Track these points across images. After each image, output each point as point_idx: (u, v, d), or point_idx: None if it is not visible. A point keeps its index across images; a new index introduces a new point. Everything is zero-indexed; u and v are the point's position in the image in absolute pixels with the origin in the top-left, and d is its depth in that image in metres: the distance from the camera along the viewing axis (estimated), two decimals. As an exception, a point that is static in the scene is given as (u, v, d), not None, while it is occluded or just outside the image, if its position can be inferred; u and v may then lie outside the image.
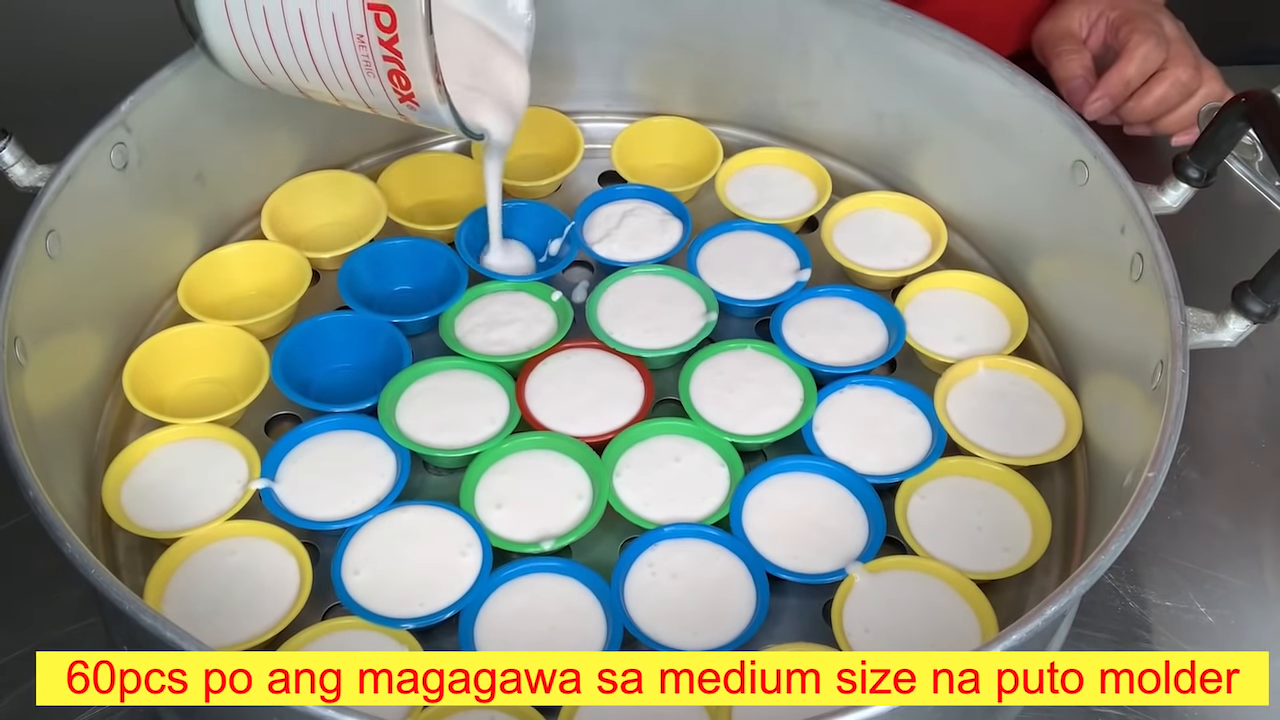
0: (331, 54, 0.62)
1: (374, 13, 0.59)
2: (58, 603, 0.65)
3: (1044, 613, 0.51)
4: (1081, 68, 0.89)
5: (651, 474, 0.68)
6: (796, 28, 0.81)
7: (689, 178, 0.84)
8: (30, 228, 0.63)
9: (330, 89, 0.64)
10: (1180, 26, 0.90)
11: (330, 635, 0.61)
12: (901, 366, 0.75)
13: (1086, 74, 0.89)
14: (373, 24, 0.59)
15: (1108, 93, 0.87)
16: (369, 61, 0.61)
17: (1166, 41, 0.88)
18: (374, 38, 0.60)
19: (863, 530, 0.66)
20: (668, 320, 0.74)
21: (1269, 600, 0.68)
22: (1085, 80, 0.88)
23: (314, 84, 0.64)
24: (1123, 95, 0.87)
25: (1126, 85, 0.87)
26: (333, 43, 0.61)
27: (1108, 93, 0.87)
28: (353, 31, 0.60)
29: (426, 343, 0.75)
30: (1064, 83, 0.89)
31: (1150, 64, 0.87)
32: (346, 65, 0.62)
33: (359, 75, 0.62)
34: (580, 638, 0.61)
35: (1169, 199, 0.69)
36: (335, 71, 0.63)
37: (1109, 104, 0.87)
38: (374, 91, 0.63)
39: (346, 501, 0.66)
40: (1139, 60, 0.86)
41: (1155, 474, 0.56)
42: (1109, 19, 0.90)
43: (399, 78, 0.61)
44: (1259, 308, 0.61)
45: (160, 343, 0.72)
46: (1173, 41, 0.88)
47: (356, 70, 0.62)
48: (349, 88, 0.63)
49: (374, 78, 0.62)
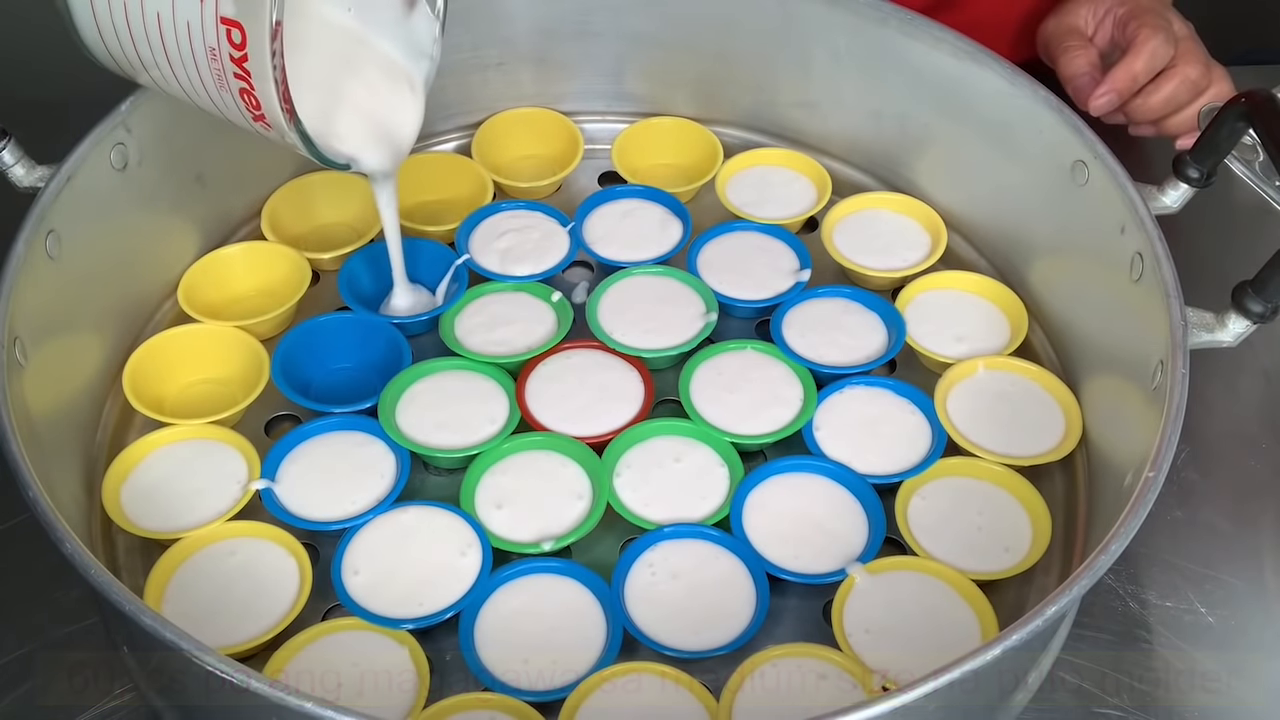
0: (187, 63, 0.58)
1: (226, 27, 0.55)
2: (58, 603, 0.65)
3: (1044, 613, 0.51)
4: (1088, 64, 0.86)
5: (651, 474, 0.67)
6: (796, 28, 0.81)
7: (689, 178, 0.84)
8: (30, 228, 0.63)
9: (191, 98, 0.61)
10: (1189, 25, 0.88)
11: (330, 636, 0.61)
12: (901, 367, 0.75)
13: (1093, 70, 0.86)
14: (224, 39, 0.56)
15: (1114, 88, 0.84)
16: (221, 76, 0.58)
17: (1175, 39, 0.85)
18: (225, 53, 0.56)
19: (863, 530, 0.66)
20: (668, 320, 0.74)
21: (1269, 600, 0.68)
22: (1091, 77, 0.86)
23: (174, 90, 0.61)
24: (1130, 91, 0.85)
25: (1134, 81, 0.84)
26: (187, 52, 0.58)
27: (1114, 88, 0.84)
28: (205, 43, 0.57)
29: (426, 343, 0.75)
30: (1070, 79, 0.87)
31: (1159, 60, 0.84)
32: (201, 77, 0.58)
33: (214, 88, 0.59)
34: (580, 638, 0.61)
35: (1169, 199, 0.69)
36: (191, 81, 0.59)
37: (1115, 99, 0.84)
38: (229, 107, 0.59)
39: (346, 502, 0.66)
40: (1147, 56, 0.84)
41: (1155, 474, 0.56)
42: (1116, 15, 0.88)
43: (249, 97, 0.57)
44: (1259, 308, 0.61)
45: (160, 343, 0.72)
46: (1181, 39, 0.86)
47: (211, 83, 0.58)
48: (206, 99, 0.60)
49: (227, 93, 0.58)
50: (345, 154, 0.65)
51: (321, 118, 0.62)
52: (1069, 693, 0.64)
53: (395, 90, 0.66)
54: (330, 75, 0.64)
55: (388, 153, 0.67)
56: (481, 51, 0.85)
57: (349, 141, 0.65)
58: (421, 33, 0.67)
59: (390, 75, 0.66)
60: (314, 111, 0.61)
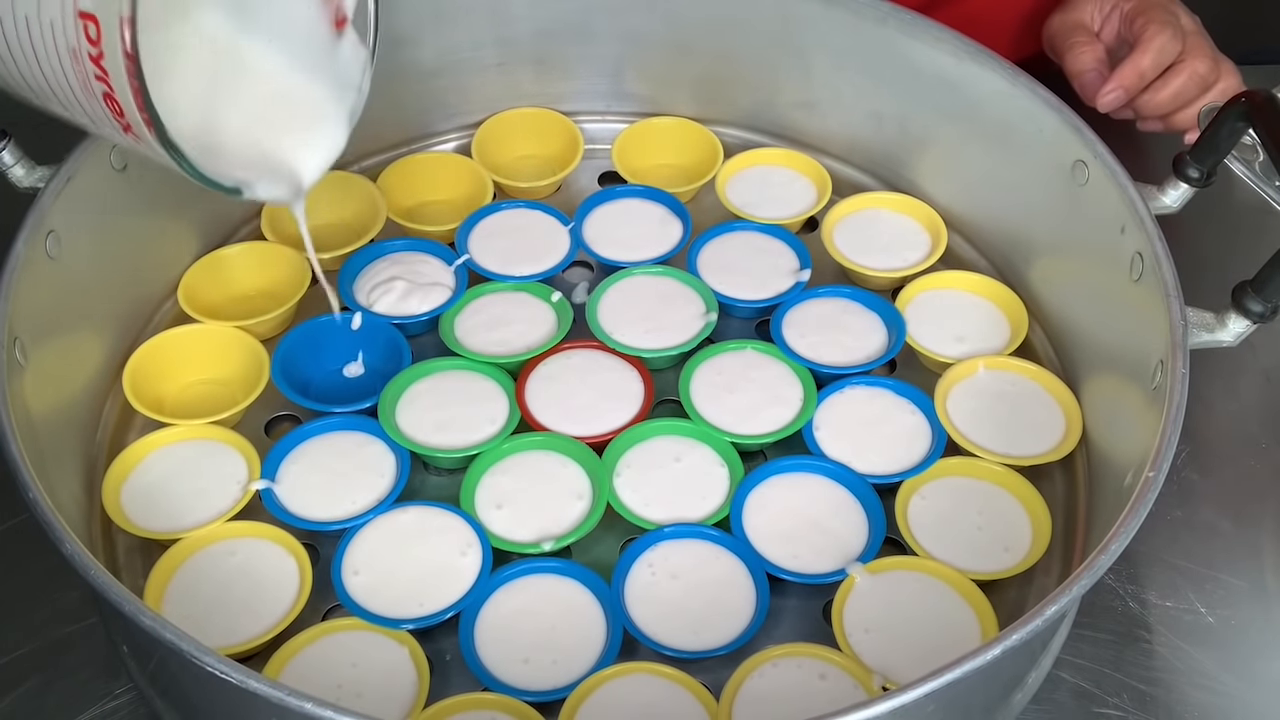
0: (55, 71, 0.52)
1: (83, 22, 0.49)
2: (58, 603, 0.65)
3: (1044, 613, 0.51)
4: (1095, 60, 0.85)
5: (651, 474, 0.67)
6: (796, 28, 0.81)
7: (689, 178, 0.84)
8: (30, 228, 0.63)
9: (71, 113, 0.55)
10: (1196, 20, 0.87)
11: (330, 636, 0.61)
12: (901, 367, 0.75)
13: (1100, 66, 0.85)
14: (83, 35, 0.50)
15: (1122, 84, 0.83)
16: (86, 82, 0.51)
17: (1183, 33, 0.84)
18: (84, 52, 0.50)
19: (863, 530, 0.66)
20: (668, 320, 0.74)
21: (1269, 600, 0.68)
22: (1099, 73, 0.85)
23: (55, 107, 0.55)
24: (1137, 87, 0.84)
25: (1141, 77, 0.83)
26: (54, 57, 0.52)
27: (1122, 84, 0.83)
28: (68, 44, 0.51)
29: (426, 343, 0.75)
30: (1077, 76, 0.86)
31: (1167, 56, 0.83)
32: (70, 85, 0.52)
33: (83, 97, 0.53)
34: (580, 638, 0.61)
35: (1169, 199, 0.69)
36: (63, 89, 0.53)
37: (1123, 96, 0.84)
38: (100, 118, 0.53)
39: (346, 502, 0.66)
40: (1155, 52, 0.83)
41: (1155, 474, 0.56)
42: (1123, 10, 0.87)
43: (112, 103, 0.51)
44: (1259, 307, 0.61)
45: (160, 343, 0.72)
46: (1189, 34, 0.85)
47: (79, 91, 0.52)
48: (80, 113, 0.54)
49: (94, 100, 0.52)
50: (233, 179, 0.58)
51: (201, 134, 0.57)
52: (1069, 693, 0.64)
53: (303, 122, 0.61)
54: (216, 89, 0.58)
55: (285, 185, 0.61)
56: (481, 51, 0.85)
57: (237, 167, 0.59)
58: (349, 62, 0.62)
59: (298, 102, 0.61)
60: (192, 126, 0.55)
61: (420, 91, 0.85)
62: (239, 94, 0.59)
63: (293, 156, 0.61)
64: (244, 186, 0.59)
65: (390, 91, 0.84)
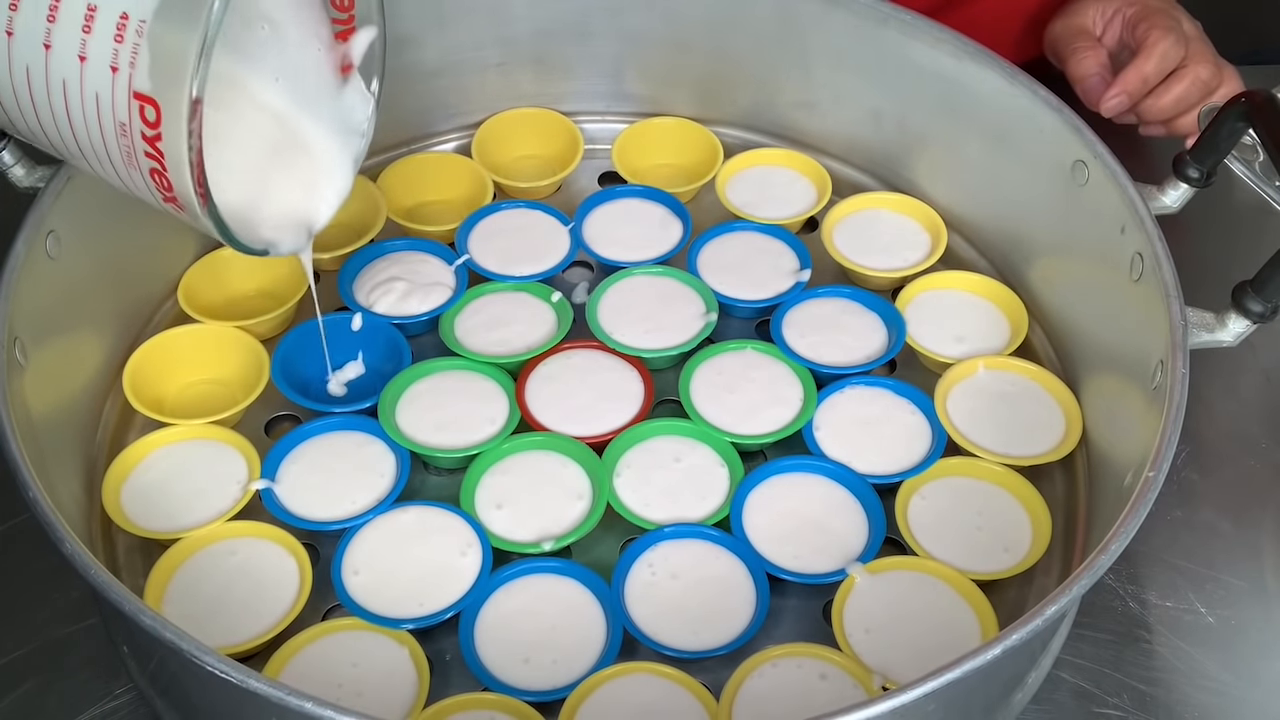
0: (93, 136, 0.53)
1: (139, 103, 0.50)
2: (58, 603, 0.65)
3: (1044, 613, 0.51)
4: (1097, 65, 0.86)
5: (651, 474, 0.67)
6: (796, 28, 0.81)
7: (689, 178, 0.84)
8: (30, 228, 0.63)
9: (93, 169, 0.56)
10: (1198, 25, 0.87)
11: (330, 636, 0.61)
12: (901, 367, 0.75)
13: (1103, 71, 0.85)
14: (137, 115, 0.51)
15: (1125, 89, 0.83)
16: (130, 154, 0.53)
17: (1185, 39, 0.84)
18: (136, 130, 0.51)
19: (863, 530, 0.66)
20: (668, 320, 0.74)
21: (1269, 600, 0.68)
22: (1101, 78, 0.85)
23: (74, 158, 0.56)
24: (1141, 92, 0.84)
25: (1145, 82, 0.84)
26: (94, 125, 0.52)
27: (1125, 89, 0.83)
28: (115, 118, 0.52)
29: (426, 343, 0.75)
30: (1079, 81, 0.86)
31: (1170, 61, 0.83)
32: (108, 151, 0.53)
33: (121, 165, 0.54)
34: (580, 638, 0.61)
35: (1169, 199, 0.69)
36: (97, 154, 0.54)
37: (1126, 101, 0.84)
38: (137, 185, 0.55)
39: (346, 502, 0.66)
40: (1158, 57, 0.83)
41: (1155, 474, 0.56)
42: (1125, 15, 0.87)
43: (160, 178, 0.53)
44: (1259, 307, 0.61)
45: (160, 343, 0.72)
46: (1191, 39, 0.85)
47: (118, 159, 0.53)
48: (111, 174, 0.55)
49: (135, 171, 0.53)
50: (263, 240, 0.60)
51: (241, 203, 0.58)
52: (1069, 693, 0.64)
53: (317, 169, 0.63)
54: (253, 158, 0.60)
55: (300, 235, 0.63)
56: (481, 51, 0.85)
57: (268, 227, 0.61)
58: (354, 109, 0.63)
59: (311, 152, 0.62)
60: (234, 198, 0.57)
61: (420, 91, 0.85)
62: (270, 155, 0.60)
63: (313, 207, 0.63)
64: (270, 247, 0.61)
65: (390, 91, 0.83)
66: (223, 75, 0.56)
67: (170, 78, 0.50)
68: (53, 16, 0.51)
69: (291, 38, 0.60)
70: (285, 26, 0.60)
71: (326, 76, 0.62)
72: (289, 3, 0.59)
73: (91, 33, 0.51)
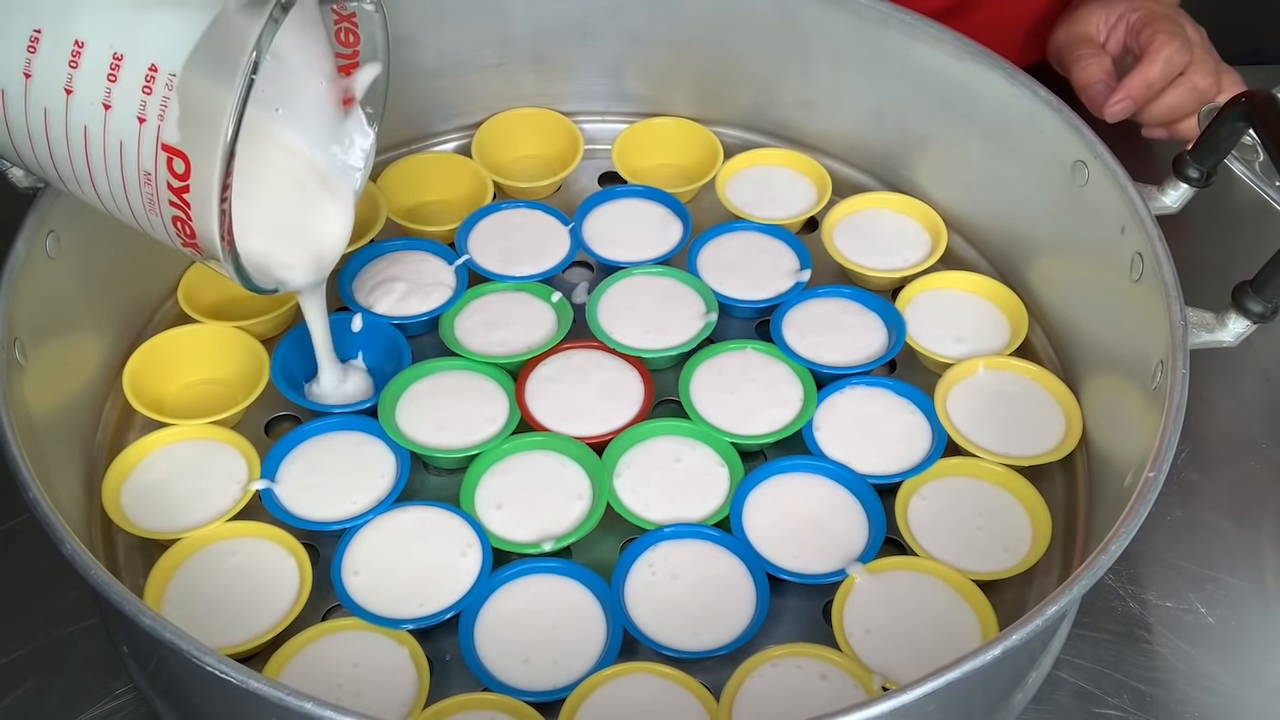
0: (113, 180, 0.53)
1: (167, 155, 0.51)
2: (58, 603, 0.65)
3: (1044, 613, 0.51)
4: (1102, 72, 0.86)
5: (651, 475, 0.67)
6: (796, 28, 0.81)
7: (689, 178, 0.84)
8: (30, 228, 0.63)
9: (109, 210, 0.56)
10: (1201, 32, 0.87)
11: (330, 636, 0.61)
12: (901, 367, 0.75)
13: (1107, 78, 0.85)
14: (164, 166, 0.51)
15: (1130, 95, 0.83)
16: (153, 200, 0.53)
17: (1190, 44, 0.85)
18: (162, 180, 0.51)
19: (863, 530, 0.66)
20: (668, 320, 0.74)
21: (1269, 600, 0.68)
22: (1106, 84, 0.85)
23: (89, 199, 0.56)
24: (1145, 99, 0.84)
25: (1149, 88, 0.84)
26: (115, 171, 0.53)
27: (1130, 95, 0.83)
28: (140, 167, 0.52)
29: (426, 343, 0.75)
30: (1084, 88, 0.86)
31: (1174, 67, 0.84)
32: (128, 195, 0.54)
33: (141, 210, 0.54)
34: (580, 638, 0.61)
35: (1169, 199, 0.69)
36: (115, 198, 0.54)
37: (1131, 106, 0.84)
38: (155, 228, 0.55)
39: (346, 502, 0.66)
40: (1163, 62, 0.83)
41: (1155, 474, 0.56)
42: (1129, 21, 0.87)
43: (183, 225, 0.53)
44: (1259, 307, 0.61)
45: (160, 343, 0.72)
46: (1195, 45, 0.85)
47: (139, 205, 0.54)
48: (129, 216, 0.55)
49: (156, 216, 0.54)
50: (278, 280, 0.61)
51: (261, 251, 0.59)
52: (1069, 693, 0.64)
53: (327, 210, 0.63)
54: (272, 206, 0.61)
55: (313, 272, 0.64)
56: (481, 52, 0.85)
57: (282, 269, 0.62)
58: (354, 142, 0.64)
59: (322, 194, 0.63)
60: (256, 247, 0.58)
61: (420, 92, 0.85)
62: (287, 201, 0.61)
63: (324, 244, 0.64)
64: (281, 285, 0.62)
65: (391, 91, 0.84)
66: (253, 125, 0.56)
67: (202, 132, 0.50)
68: (75, 63, 0.51)
69: (295, 70, 0.60)
70: (289, 59, 0.60)
71: (327, 110, 0.62)
72: (294, 38, 0.59)
73: (117, 82, 0.50)
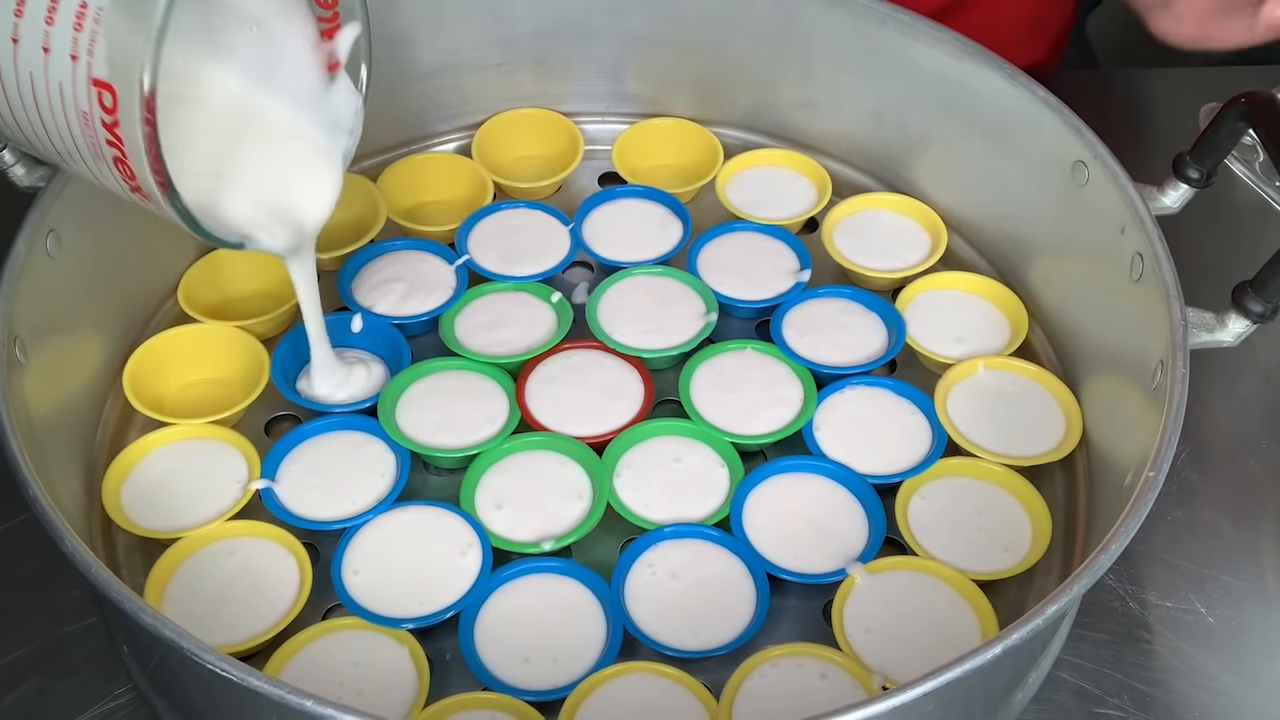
0: (61, 129, 0.53)
1: (97, 90, 0.50)
2: (58, 603, 0.65)
3: (1044, 612, 0.51)
4: None
5: (651, 474, 0.67)
6: (796, 28, 0.81)
7: (689, 179, 0.84)
8: (30, 228, 0.63)
9: (71, 166, 0.55)
10: None
11: (330, 635, 0.61)
12: (901, 367, 0.75)
13: None
14: (95, 102, 0.50)
15: None
16: (95, 144, 0.52)
17: None
18: (97, 118, 0.51)
19: (863, 530, 0.66)
20: (668, 321, 0.74)
21: (1269, 600, 0.68)
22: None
23: (53, 157, 0.56)
24: None
25: None
26: (60, 117, 0.52)
27: None
28: (78, 107, 0.51)
29: (426, 343, 0.75)
30: None
31: None
32: (77, 144, 0.53)
33: (89, 157, 0.53)
34: (580, 638, 0.61)
35: (1169, 199, 0.69)
36: (68, 148, 0.53)
37: None
38: (106, 177, 0.54)
39: (346, 501, 0.66)
40: None
41: (1155, 474, 0.56)
42: None
43: (124, 166, 0.52)
44: (1259, 307, 0.61)
45: (160, 343, 0.72)
46: None
47: (86, 151, 0.53)
48: (85, 169, 0.55)
49: (103, 163, 0.53)
50: (237, 233, 0.60)
51: (209, 194, 0.58)
52: (1069, 693, 0.64)
53: (303, 168, 0.62)
54: (221, 148, 0.59)
55: (289, 234, 0.63)
56: (481, 52, 0.85)
57: (241, 221, 0.60)
58: (342, 106, 0.63)
59: (298, 151, 0.62)
60: (200, 187, 0.56)
61: (420, 92, 0.85)
62: (245, 150, 0.60)
63: (298, 204, 0.62)
64: (246, 240, 0.60)
65: (390, 92, 0.84)
66: (198, 69, 0.56)
67: (126, 61, 0.49)
68: (20, 11, 0.51)
69: (276, 35, 0.60)
70: (269, 24, 0.59)
71: (313, 74, 0.62)
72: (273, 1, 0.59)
73: (54, 24, 0.50)
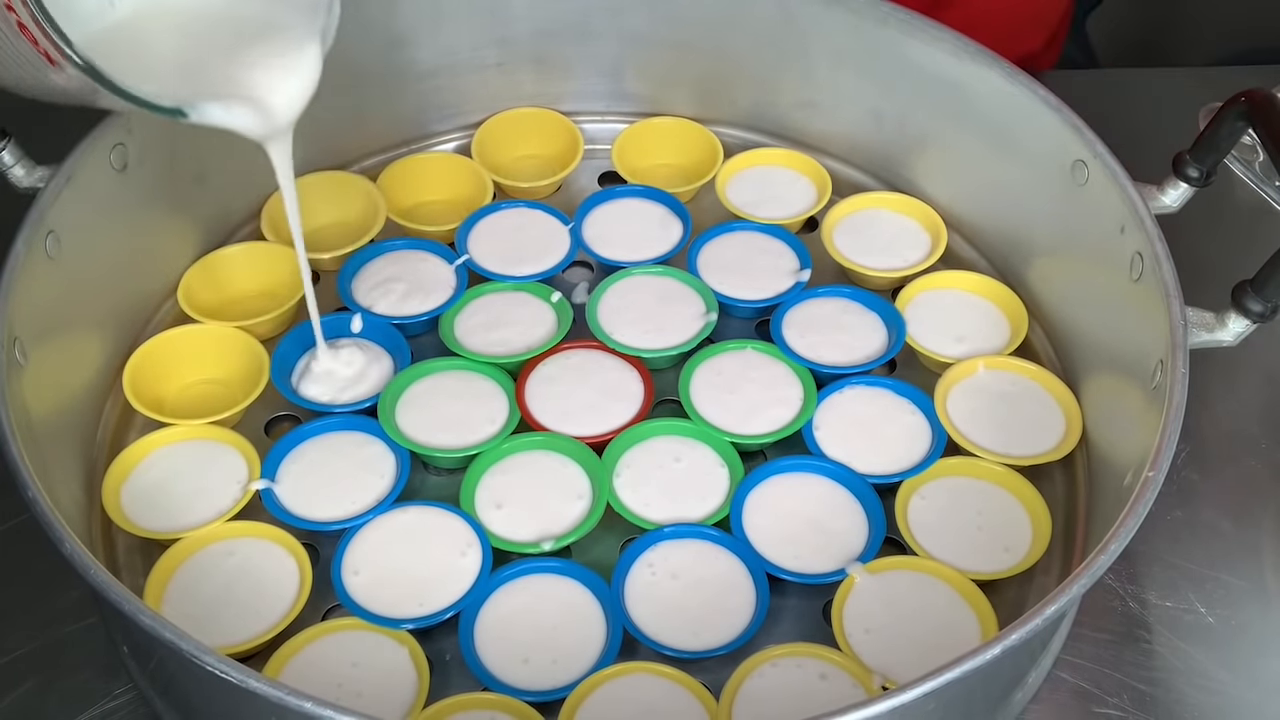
0: None
1: None
2: (58, 603, 0.65)
3: (1044, 612, 0.51)
4: None
5: (651, 474, 0.67)
6: (796, 28, 0.81)
7: (689, 178, 0.84)
8: (30, 228, 0.63)
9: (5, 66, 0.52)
10: None
11: (330, 636, 0.61)
12: (901, 366, 0.75)
13: None
14: None
15: None
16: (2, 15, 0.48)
17: None
18: None
19: (863, 530, 0.66)
20: (668, 320, 0.74)
21: (1269, 600, 0.68)
22: None
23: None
24: None
25: None
26: None
27: None
28: None
29: (426, 343, 0.75)
30: None
31: None
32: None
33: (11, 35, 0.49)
34: (580, 638, 0.61)
35: (1169, 199, 0.69)
36: None
37: None
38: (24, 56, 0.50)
39: (346, 502, 0.66)
40: None
41: (1155, 474, 0.56)
42: None
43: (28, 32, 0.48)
44: (1259, 307, 0.61)
45: (160, 344, 0.72)
46: None
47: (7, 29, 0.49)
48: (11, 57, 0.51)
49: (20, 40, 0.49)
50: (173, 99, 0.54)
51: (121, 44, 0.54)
52: (1069, 693, 0.64)
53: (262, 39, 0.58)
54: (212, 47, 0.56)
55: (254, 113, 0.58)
56: (481, 51, 0.85)
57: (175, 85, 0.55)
58: None
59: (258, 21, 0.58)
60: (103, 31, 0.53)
61: (420, 92, 0.85)
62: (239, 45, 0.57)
63: (257, 80, 0.58)
64: (186, 107, 0.55)
65: (389, 92, 0.84)
66: None
67: None
68: None
69: None
70: None
71: None
72: None
73: None
